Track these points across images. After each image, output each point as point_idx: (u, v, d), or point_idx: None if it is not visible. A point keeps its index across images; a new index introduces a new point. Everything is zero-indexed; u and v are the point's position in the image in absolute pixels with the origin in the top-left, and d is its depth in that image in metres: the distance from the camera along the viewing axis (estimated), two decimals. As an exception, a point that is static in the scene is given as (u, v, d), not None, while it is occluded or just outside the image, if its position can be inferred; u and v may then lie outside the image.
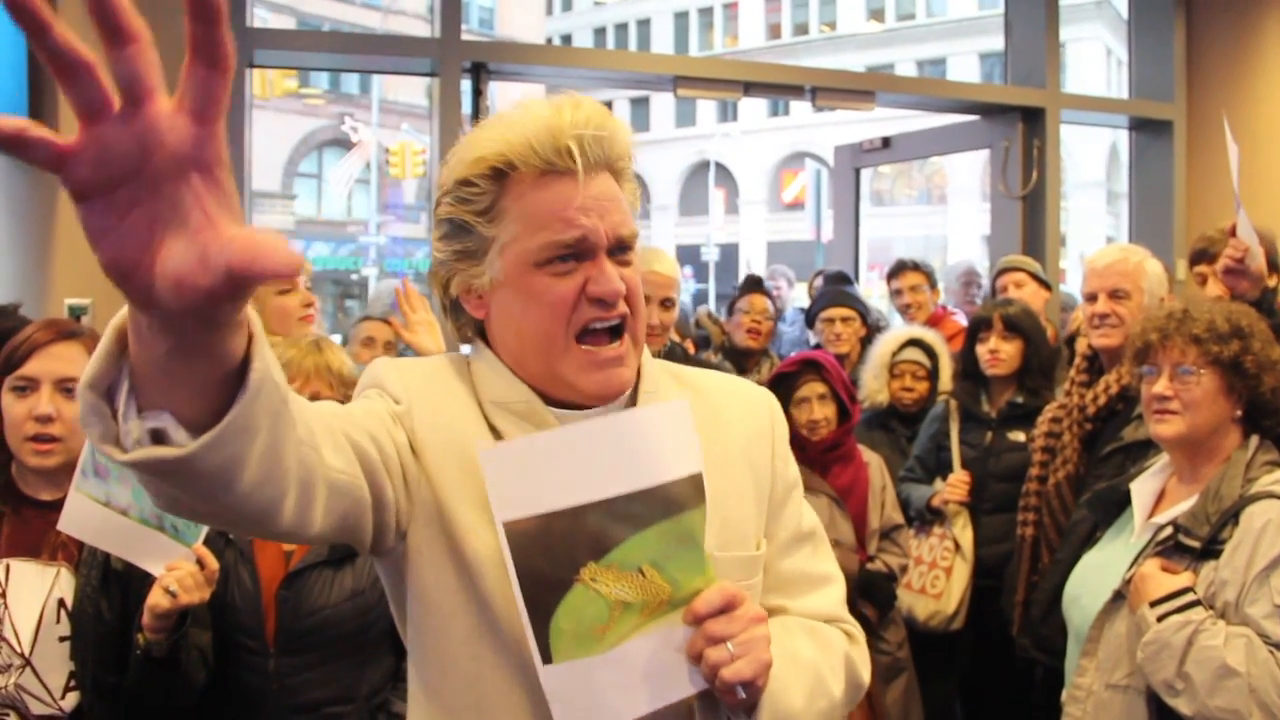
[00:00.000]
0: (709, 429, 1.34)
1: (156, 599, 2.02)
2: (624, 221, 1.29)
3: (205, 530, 2.06)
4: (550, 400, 1.31)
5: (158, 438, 0.86)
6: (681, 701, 1.24)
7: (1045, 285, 4.83)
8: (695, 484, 1.18)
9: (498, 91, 5.19)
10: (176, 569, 2.03)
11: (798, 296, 7.99)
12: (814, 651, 1.34)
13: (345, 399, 2.28)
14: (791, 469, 1.45)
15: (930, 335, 4.26)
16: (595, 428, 1.16)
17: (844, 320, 4.65)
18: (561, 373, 1.28)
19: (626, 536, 1.15)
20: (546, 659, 1.15)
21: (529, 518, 1.13)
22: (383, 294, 6.69)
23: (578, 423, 1.23)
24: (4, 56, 4.00)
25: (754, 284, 4.88)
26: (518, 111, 1.27)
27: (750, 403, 1.45)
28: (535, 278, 1.26)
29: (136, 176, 0.73)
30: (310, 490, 1.04)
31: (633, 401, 1.35)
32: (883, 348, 4.20)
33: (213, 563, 2.08)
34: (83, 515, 2.03)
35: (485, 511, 1.18)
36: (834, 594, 1.45)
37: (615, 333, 1.29)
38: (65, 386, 2.12)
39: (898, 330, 4.39)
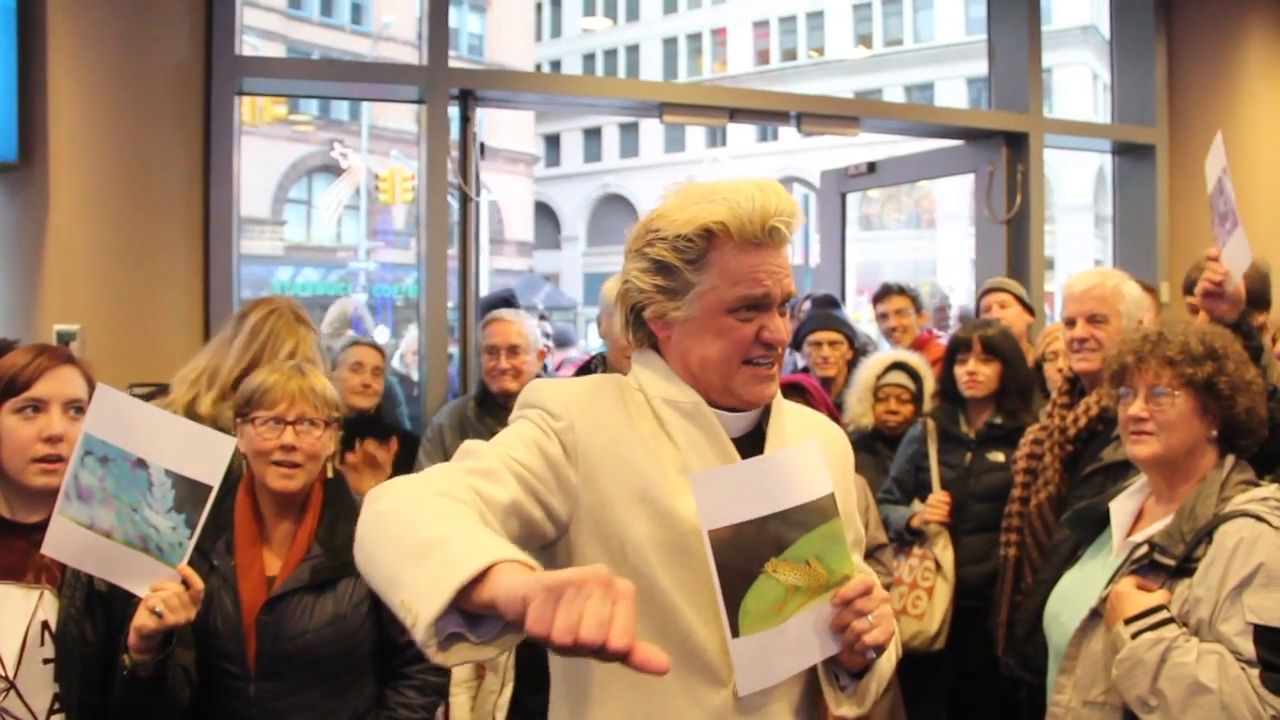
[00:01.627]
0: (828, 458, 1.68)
1: (142, 619, 2.03)
2: (790, 283, 1.66)
3: (189, 551, 2.07)
4: (709, 404, 1.68)
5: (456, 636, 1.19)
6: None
7: (1029, 309, 4.87)
8: (833, 500, 1.57)
9: (486, 117, 5.21)
10: (162, 589, 2.04)
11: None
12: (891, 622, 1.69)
13: (329, 419, 2.42)
14: (857, 490, 1.92)
15: (914, 359, 4.29)
16: (772, 461, 1.55)
17: (831, 344, 4.68)
18: (733, 387, 1.65)
19: (799, 537, 1.53)
20: (735, 634, 1.49)
21: (727, 526, 1.48)
22: (335, 316, 6.71)
23: (757, 458, 1.59)
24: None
25: None
26: (731, 186, 1.64)
27: (828, 431, 1.86)
28: (725, 320, 1.63)
29: None
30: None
31: (764, 413, 1.74)
32: (867, 371, 4.23)
33: (198, 583, 2.09)
34: (66, 538, 2.05)
35: (641, 503, 1.59)
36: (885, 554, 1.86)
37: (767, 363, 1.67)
38: (75, 407, 2.17)
39: (882, 354, 4.42)
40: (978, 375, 3.73)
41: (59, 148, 4.18)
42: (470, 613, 1.17)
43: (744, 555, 1.49)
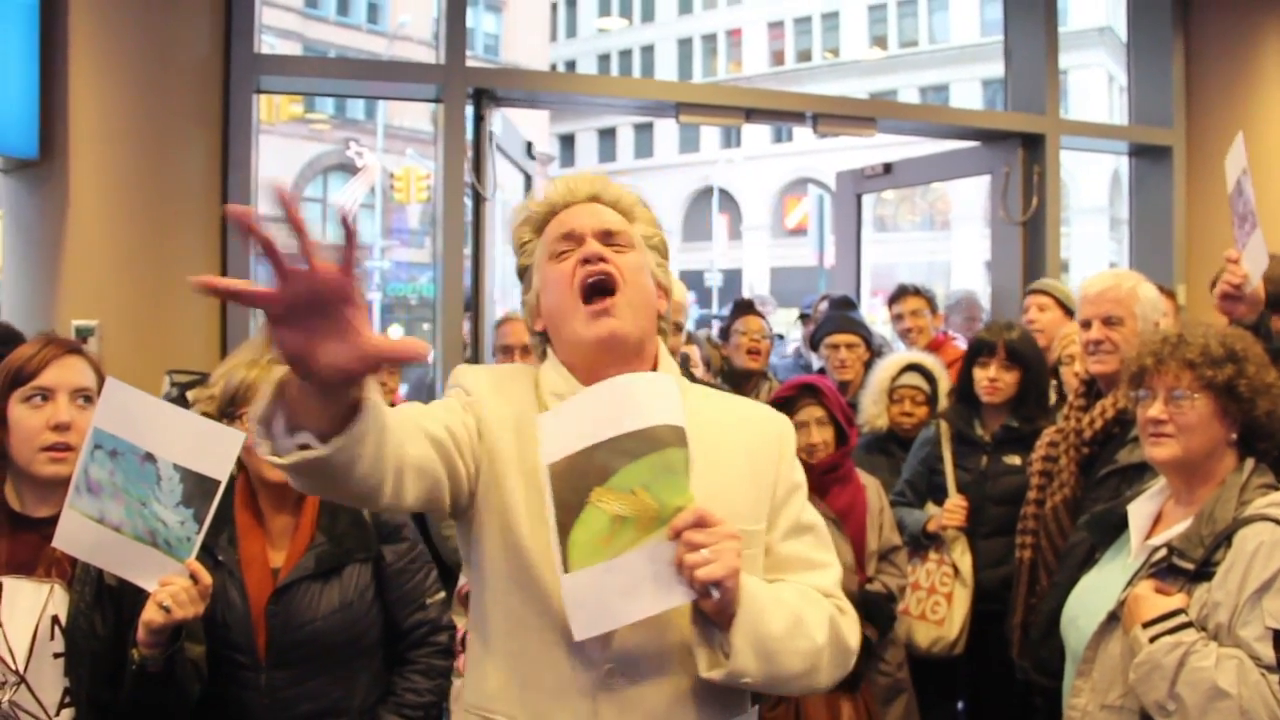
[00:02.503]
0: (715, 430, 1.69)
1: (151, 614, 2.04)
2: (606, 220, 1.72)
3: (197, 546, 2.08)
4: None
5: (303, 448, 1.29)
6: (687, 635, 1.55)
7: (1069, 313, 4.81)
8: (677, 432, 1.50)
9: (499, 117, 5.20)
10: (170, 584, 2.06)
11: (778, 322, 8.01)
12: (797, 600, 1.62)
13: None
14: (797, 473, 1.78)
15: (929, 360, 4.27)
16: (603, 388, 1.53)
17: (849, 346, 4.67)
18: (576, 329, 1.66)
19: (623, 465, 1.48)
20: (566, 569, 1.48)
21: (561, 459, 1.50)
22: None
23: (591, 386, 1.57)
24: (18, 75, 4.05)
25: (746, 306, 4.89)
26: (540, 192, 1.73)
27: (760, 420, 1.81)
28: (549, 268, 1.71)
29: (310, 308, 1.18)
30: (401, 475, 1.44)
31: None
32: (882, 373, 4.22)
33: (206, 577, 2.10)
34: (77, 532, 2.06)
35: (525, 478, 1.60)
36: (830, 575, 1.73)
37: (608, 291, 1.66)
38: (83, 395, 2.18)
39: (897, 355, 4.40)
40: (998, 382, 3.70)
41: (79, 145, 4.20)
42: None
43: (573, 487, 1.49)
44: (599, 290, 1.65)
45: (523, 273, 1.80)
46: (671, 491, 1.49)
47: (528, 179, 5.87)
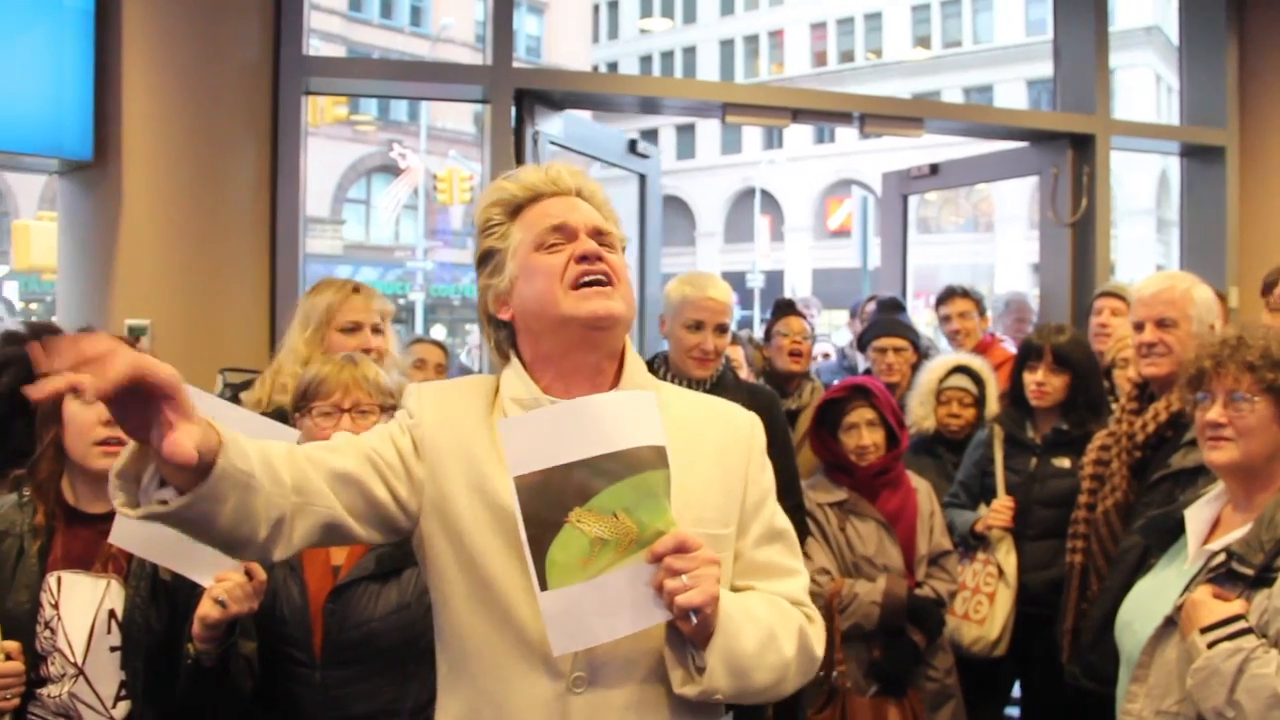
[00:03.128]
0: (684, 430, 1.65)
1: (206, 609, 2.07)
2: (596, 219, 1.68)
3: None
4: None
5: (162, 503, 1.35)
6: (658, 643, 1.55)
7: None
8: (658, 453, 1.50)
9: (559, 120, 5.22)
10: (225, 580, 2.08)
11: (822, 325, 7.95)
12: (769, 615, 1.62)
13: (383, 405, 2.52)
14: (767, 477, 1.76)
15: (977, 362, 4.24)
16: (582, 404, 1.49)
17: (896, 350, 4.64)
18: (564, 311, 1.61)
19: (604, 487, 1.46)
20: (544, 586, 1.46)
21: (533, 473, 1.46)
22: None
23: (569, 400, 1.53)
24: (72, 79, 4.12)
25: (787, 306, 4.85)
26: (512, 174, 1.73)
27: (730, 419, 1.77)
28: (535, 258, 1.64)
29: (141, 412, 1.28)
30: (282, 525, 1.47)
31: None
32: (929, 375, 4.19)
33: (260, 574, 2.12)
34: (133, 529, 2.05)
35: (476, 494, 1.59)
36: (798, 583, 1.73)
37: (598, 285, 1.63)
38: None
39: (945, 357, 4.37)
40: (1045, 386, 3.67)
41: (132, 147, 4.27)
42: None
43: (548, 504, 1.46)
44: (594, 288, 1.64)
45: (486, 256, 1.72)
46: (652, 514, 1.49)
47: (642, 180, 5.89)
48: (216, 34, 4.47)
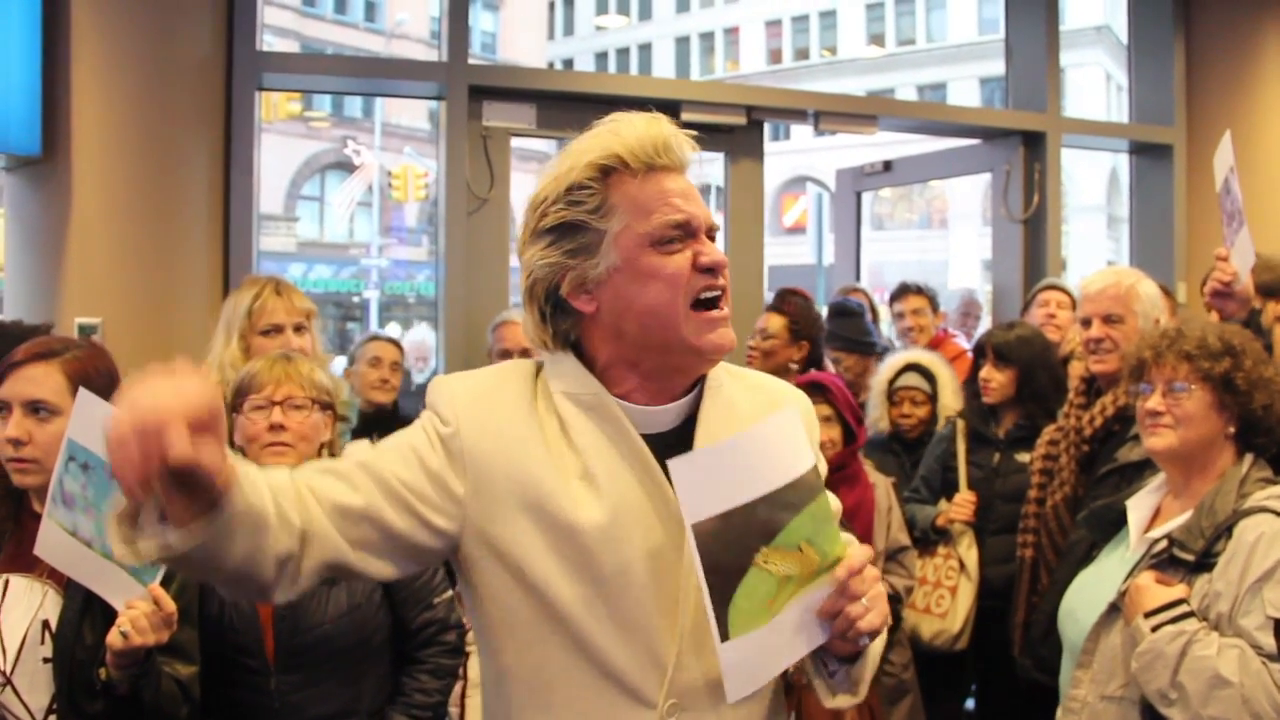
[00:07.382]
0: (748, 412, 1.54)
1: (111, 637, 1.96)
2: (709, 212, 1.49)
3: (162, 572, 1.99)
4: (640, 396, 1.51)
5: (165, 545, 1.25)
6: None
7: None
8: (817, 473, 1.42)
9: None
10: (133, 609, 1.96)
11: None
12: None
13: (319, 401, 2.49)
14: (822, 460, 1.61)
15: (929, 358, 4.25)
16: (753, 435, 1.37)
17: (837, 362, 4.64)
18: (684, 336, 1.45)
19: (788, 520, 1.37)
20: (725, 637, 1.35)
21: (711, 518, 1.33)
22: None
23: (737, 435, 1.39)
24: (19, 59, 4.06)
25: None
26: (612, 125, 1.48)
27: (791, 399, 1.63)
28: (651, 258, 1.44)
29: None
30: (288, 565, 1.36)
31: (698, 392, 1.54)
32: (881, 375, 4.21)
33: (169, 605, 1.99)
34: (55, 542, 2.00)
35: (531, 513, 1.43)
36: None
37: (717, 303, 1.48)
38: (34, 407, 2.09)
39: (895, 357, 4.36)
40: (990, 382, 3.72)
41: (82, 142, 4.21)
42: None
43: (732, 548, 1.34)
44: (712, 306, 1.48)
45: (569, 227, 1.47)
46: (830, 541, 1.41)
47: None
48: (169, 28, 4.41)
